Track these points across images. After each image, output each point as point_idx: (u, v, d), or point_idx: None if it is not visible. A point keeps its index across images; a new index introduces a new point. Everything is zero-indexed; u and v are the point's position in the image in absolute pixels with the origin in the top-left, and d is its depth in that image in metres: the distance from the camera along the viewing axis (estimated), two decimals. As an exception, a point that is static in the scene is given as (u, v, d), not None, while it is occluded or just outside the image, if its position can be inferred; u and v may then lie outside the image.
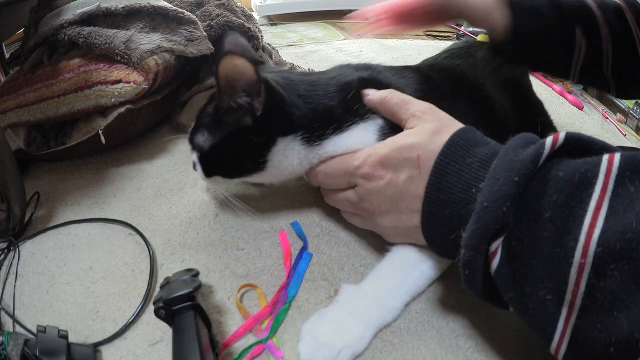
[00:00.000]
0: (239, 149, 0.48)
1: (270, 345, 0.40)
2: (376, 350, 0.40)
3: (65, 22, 0.67)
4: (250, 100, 0.44)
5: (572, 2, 0.49)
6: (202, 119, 0.50)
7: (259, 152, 0.47)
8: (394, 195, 0.41)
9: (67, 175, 0.66)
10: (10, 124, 0.66)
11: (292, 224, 0.54)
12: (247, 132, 0.46)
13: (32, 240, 0.53)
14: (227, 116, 0.46)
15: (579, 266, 0.27)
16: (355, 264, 0.49)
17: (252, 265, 0.49)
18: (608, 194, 0.27)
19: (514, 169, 0.31)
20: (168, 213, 0.57)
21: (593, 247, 0.26)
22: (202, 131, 0.49)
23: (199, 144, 0.49)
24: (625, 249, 0.25)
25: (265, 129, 0.46)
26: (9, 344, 0.34)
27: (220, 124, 0.47)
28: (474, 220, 0.32)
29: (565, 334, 0.29)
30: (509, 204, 0.30)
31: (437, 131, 0.40)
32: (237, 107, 0.45)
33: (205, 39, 0.75)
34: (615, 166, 0.28)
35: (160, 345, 0.40)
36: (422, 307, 0.44)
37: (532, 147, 0.32)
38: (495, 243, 0.31)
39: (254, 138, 0.46)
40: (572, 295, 0.28)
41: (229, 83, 0.43)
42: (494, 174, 0.32)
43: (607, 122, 0.90)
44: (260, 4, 1.62)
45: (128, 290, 0.46)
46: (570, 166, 0.30)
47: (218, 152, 0.49)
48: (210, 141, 0.48)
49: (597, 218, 0.27)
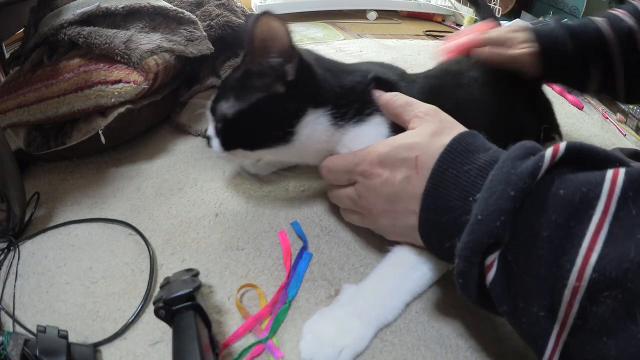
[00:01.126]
0: (268, 117, 0.47)
1: (270, 345, 0.40)
2: (376, 350, 0.40)
3: (65, 22, 0.67)
4: (284, 63, 0.44)
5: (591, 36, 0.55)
6: (227, 87, 0.49)
7: (289, 122, 0.46)
8: (390, 194, 0.41)
9: (67, 175, 0.66)
10: (10, 124, 0.66)
11: (292, 224, 0.54)
12: (278, 99, 0.46)
13: (32, 240, 0.53)
14: (257, 80, 0.46)
15: (573, 288, 0.27)
16: (355, 264, 0.49)
17: (252, 265, 0.49)
18: (609, 217, 0.27)
19: (511, 183, 0.30)
20: (168, 213, 0.57)
21: (589, 272, 0.26)
22: (227, 98, 0.48)
23: (223, 111, 0.48)
24: (621, 279, 0.25)
25: (296, 97, 0.46)
26: (9, 344, 0.34)
27: (249, 89, 0.46)
28: (468, 232, 0.32)
29: (556, 351, 0.29)
30: (503, 219, 0.30)
31: (437, 132, 0.40)
32: (269, 71, 0.45)
33: (205, 39, 0.75)
34: (618, 186, 0.27)
35: (160, 345, 0.40)
36: (422, 307, 0.44)
37: (531, 160, 0.31)
38: (491, 257, 0.31)
39: (287, 103, 0.46)
40: (564, 315, 0.28)
41: (264, 43, 0.43)
42: (490, 186, 0.32)
43: (607, 122, 0.90)
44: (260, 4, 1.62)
45: (128, 290, 0.46)
46: (571, 184, 0.29)
47: (244, 120, 0.48)
48: (236, 107, 0.47)
49: (595, 242, 0.27)
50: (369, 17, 1.75)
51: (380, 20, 1.75)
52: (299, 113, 0.46)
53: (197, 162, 0.67)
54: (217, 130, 0.51)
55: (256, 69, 0.45)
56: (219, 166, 0.66)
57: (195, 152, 0.70)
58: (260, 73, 0.45)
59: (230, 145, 0.50)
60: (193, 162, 0.67)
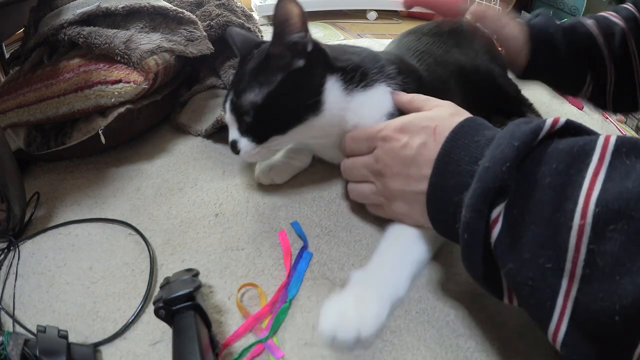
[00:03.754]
0: (296, 90, 0.50)
1: (271, 345, 0.40)
2: (376, 350, 0.40)
3: (65, 22, 0.67)
4: (304, 36, 0.48)
5: (583, 40, 0.57)
6: (245, 79, 0.51)
7: (315, 91, 0.50)
8: (407, 157, 0.44)
9: (67, 175, 0.66)
10: (10, 124, 0.66)
11: (292, 224, 0.54)
12: (301, 72, 0.50)
13: (32, 240, 0.53)
14: (278, 62, 0.49)
15: (578, 229, 0.27)
16: (355, 264, 0.49)
17: (252, 265, 0.49)
18: (605, 164, 0.28)
19: (515, 137, 0.33)
20: (168, 213, 0.57)
21: (592, 208, 0.27)
22: (251, 88, 0.50)
23: (251, 100, 0.50)
24: (624, 209, 0.26)
25: (316, 67, 0.50)
26: (9, 344, 0.34)
27: (272, 72, 0.50)
28: (476, 180, 0.34)
29: (565, 311, 0.28)
30: (508, 165, 0.32)
31: (455, 114, 0.44)
32: (288, 50, 0.49)
33: (205, 39, 0.75)
34: (611, 143, 0.29)
35: (160, 345, 0.40)
36: (422, 307, 0.44)
37: (534, 123, 0.34)
38: (497, 210, 0.33)
39: (310, 74, 0.50)
40: (572, 264, 0.28)
41: (283, 23, 0.47)
42: (496, 143, 0.35)
43: (607, 122, 0.90)
44: (260, 4, 1.62)
45: (128, 290, 0.46)
46: (568, 141, 0.32)
47: (274, 101, 0.50)
48: (264, 92, 0.49)
49: (595, 182, 0.28)
50: (369, 17, 1.75)
51: (380, 20, 1.75)
52: (321, 80, 0.50)
53: (197, 162, 0.67)
54: (244, 127, 0.52)
55: (278, 51, 0.49)
56: (219, 166, 0.66)
57: (195, 152, 0.70)
58: (280, 55, 0.49)
59: (264, 136, 0.51)
60: (193, 162, 0.67)
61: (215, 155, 0.69)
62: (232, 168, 0.65)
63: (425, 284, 0.46)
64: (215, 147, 0.71)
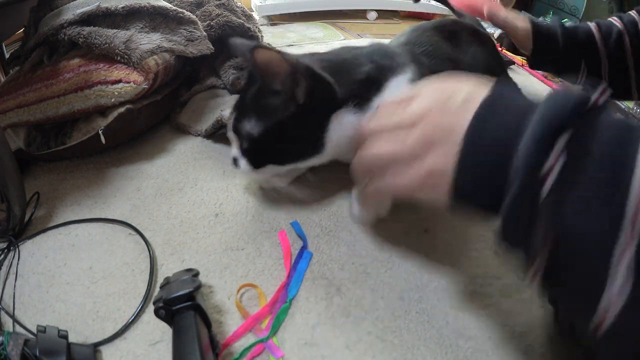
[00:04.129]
0: (294, 133, 0.47)
1: (271, 345, 0.40)
2: (376, 350, 0.40)
3: (65, 22, 0.67)
4: (290, 90, 0.45)
5: (582, 37, 0.65)
6: (247, 105, 0.49)
7: (315, 134, 0.47)
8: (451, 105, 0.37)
9: (67, 175, 0.66)
10: (10, 124, 0.66)
11: (292, 224, 0.54)
12: (297, 116, 0.46)
13: (32, 240, 0.53)
14: (273, 99, 0.46)
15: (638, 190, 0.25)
16: (355, 264, 0.49)
17: (252, 265, 0.49)
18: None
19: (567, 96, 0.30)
20: (168, 213, 0.57)
21: None
22: (249, 117, 0.48)
23: (248, 131, 0.48)
24: None
25: (315, 111, 0.47)
26: (9, 344, 0.34)
27: (268, 107, 0.47)
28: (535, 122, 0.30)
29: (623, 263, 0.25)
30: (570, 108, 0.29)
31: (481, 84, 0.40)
32: (280, 92, 0.46)
33: (205, 39, 0.75)
34: None
35: (160, 345, 0.40)
36: (422, 307, 0.44)
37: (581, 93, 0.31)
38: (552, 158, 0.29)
39: (308, 119, 0.46)
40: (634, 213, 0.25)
41: (266, 72, 0.44)
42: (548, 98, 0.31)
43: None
44: (260, 4, 1.61)
45: (128, 290, 0.46)
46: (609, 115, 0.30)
47: (270, 138, 0.48)
48: (260, 127, 0.47)
49: None
50: (369, 17, 1.75)
51: (380, 20, 1.75)
52: (323, 123, 0.47)
53: (197, 162, 0.67)
54: (243, 150, 0.50)
55: (268, 89, 0.46)
56: (219, 166, 0.66)
57: (195, 152, 0.70)
58: (274, 92, 0.46)
59: (260, 163, 0.50)
60: (193, 162, 0.67)
61: (215, 155, 0.69)
62: (232, 168, 0.65)
63: (425, 283, 0.46)
64: (215, 147, 0.71)
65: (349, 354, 0.40)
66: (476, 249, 0.51)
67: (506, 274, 0.47)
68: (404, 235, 0.52)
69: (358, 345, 0.40)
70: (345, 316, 0.43)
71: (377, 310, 0.43)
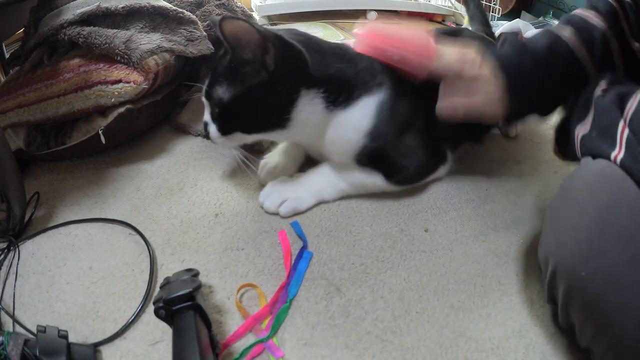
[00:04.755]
0: (262, 102, 0.48)
1: (271, 345, 0.40)
2: (376, 350, 0.40)
3: (65, 22, 0.67)
4: (260, 57, 0.46)
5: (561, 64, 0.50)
6: (219, 71, 0.50)
7: (284, 107, 0.48)
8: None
9: (67, 175, 0.66)
10: (10, 124, 0.66)
11: (292, 224, 0.54)
12: (267, 84, 0.47)
13: (32, 240, 0.53)
14: (244, 67, 0.48)
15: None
16: (355, 264, 0.49)
17: (252, 265, 0.49)
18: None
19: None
20: (168, 213, 0.57)
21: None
22: (220, 83, 0.49)
23: (218, 95, 0.49)
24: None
25: (285, 81, 0.48)
26: (9, 344, 0.34)
27: (239, 75, 0.48)
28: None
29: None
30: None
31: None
32: (251, 61, 0.47)
33: (205, 39, 0.75)
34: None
35: (160, 345, 0.40)
36: (422, 307, 0.44)
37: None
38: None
39: (278, 88, 0.48)
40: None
41: (237, 42, 0.46)
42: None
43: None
44: (260, 4, 1.61)
45: (128, 290, 0.46)
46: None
47: (239, 105, 0.49)
48: (230, 92, 0.48)
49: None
50: (369, 17, 1.75)
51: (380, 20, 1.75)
52: (293, 96, 0.48)
53: (197, 162, 0.67)
54: (213, 115, 0.51)
55: (239, 58, 0.47)
56: (219, 166, 0.66)
57: (195, 152, 0.70)
58: (244, 62, 0.47)
59: (228, 130, 0.51)
60: (193, 162, 0.67)
61: (215, 155, 0.69)
62: (232, 168, 0.65)
63: (425, 283, 0.46)
64: (215, 147, 0.71)
65: (348, 353, 0.40)
66: (476, 248, 0.51)
67: (506, 274, 0.47)
68: (404, 235, 0.52)
69: (358, 345, 0.40)
70: (345, 316, 0.43)
71: (377, 310, 0.43)
